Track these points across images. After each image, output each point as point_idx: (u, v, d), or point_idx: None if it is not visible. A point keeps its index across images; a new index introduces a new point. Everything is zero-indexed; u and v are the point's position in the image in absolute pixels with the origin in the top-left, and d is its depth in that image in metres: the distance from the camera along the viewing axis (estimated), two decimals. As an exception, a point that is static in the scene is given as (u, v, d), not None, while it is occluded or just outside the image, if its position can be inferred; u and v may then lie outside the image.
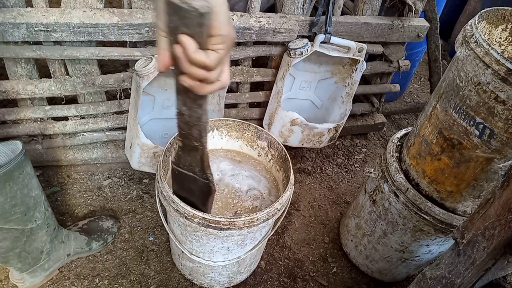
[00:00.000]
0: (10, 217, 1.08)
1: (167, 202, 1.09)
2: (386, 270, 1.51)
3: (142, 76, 1.34)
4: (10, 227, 1.10)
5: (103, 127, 1.62)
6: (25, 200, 1.10)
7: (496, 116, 0.94)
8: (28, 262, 1.25)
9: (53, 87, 1.43)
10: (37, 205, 1.16)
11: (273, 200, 1.30)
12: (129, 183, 1.76)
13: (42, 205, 1.19)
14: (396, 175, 1.26)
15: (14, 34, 1.23)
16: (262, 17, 1.52)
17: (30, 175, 1.11)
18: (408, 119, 2.54)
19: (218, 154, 1.42)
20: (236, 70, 1.67)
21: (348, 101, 1.87)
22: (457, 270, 0.85)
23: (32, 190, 1.13)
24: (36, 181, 1.16)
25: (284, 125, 1.77)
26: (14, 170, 1.03)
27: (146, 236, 1.58)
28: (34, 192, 1.13)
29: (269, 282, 1.52)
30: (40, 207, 1.18)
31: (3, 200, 1.03)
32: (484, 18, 1.09)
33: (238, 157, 1.43)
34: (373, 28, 1.75)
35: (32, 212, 1.14)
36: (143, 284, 1.44)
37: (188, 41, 0.53)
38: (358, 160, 2.14)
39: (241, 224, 1.05)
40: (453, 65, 1.07)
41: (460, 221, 1.16)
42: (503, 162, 1.01)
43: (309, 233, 1.73)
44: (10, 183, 1.03)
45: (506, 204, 0.72)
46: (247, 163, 1.42)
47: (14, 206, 1.07)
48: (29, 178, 1.10)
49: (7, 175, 1.01)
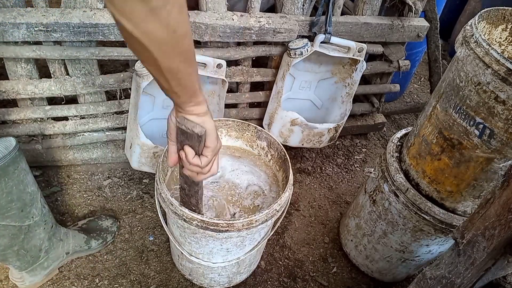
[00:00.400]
0: (7, 213, 1.08)
1: (165, 205, 1.09)
2: (386, 270, 1.51)
3: (142, 76, 1.34)
4: (7, 223, 1.10)
5: (103, 127, 1.62)
6: (21, 196, 1.10)
7: (496, 116, 0.94)
8: (27, 260, 1.25)
9: (53, 87, 1.43)
10: (34, 202, 1.16)
11: (274, 196, 1.30)
12: (129, 183, 1.76)
13: (39, 202, 1.19)
14: (396, 175, 1.26)
15: (14, 34, 1.23)
16: (262, 17, 1.52)
17: (26, 171, 1.12)
18: (408, 119, 2.54)
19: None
20: (236, 70, 1.67)
21: (348, 101, 1.87)
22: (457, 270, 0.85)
23: (28, 186, 1.13)
24: (32, 177, 1.16)
25: (284, 125, 1.77)
26: (8, 165, 1.03)
27: (146, 236, 1.58)
28: (30, 188, 1.14)
29: (269, 282, 1.52)
30: (37, 204, 1.18)
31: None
32: (484, 18, 1.09)
33: (237, 153, 1.43)
34: (373, 28, 1.75)
35: (29, 208, 1.15)
36: (143, 284, 1.44)
37: (189, 150, 0.82)
38: (358, 160, 2.14)
39: (239, 226, 1.05)
40: (453, 65, 1.07)
41: (460, 221, 1.16)
42: (503, 162, 1.01)
43: (309, 233, 1.73)
44: (5, 179, 1.03)
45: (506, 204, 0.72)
46: (247, 158, 1.42)
47: (11, 202, 1.07)
48: (24, 174, 1.11)
49: (2, 171, 1.02)
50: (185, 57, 0.67)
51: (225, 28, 1.46)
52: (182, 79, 0.70)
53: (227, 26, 1.45)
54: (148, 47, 0.61)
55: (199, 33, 1.44)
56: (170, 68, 0.66)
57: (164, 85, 0.71)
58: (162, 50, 0.63)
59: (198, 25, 1.42)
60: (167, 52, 0.63)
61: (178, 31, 0.61)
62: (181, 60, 0.66)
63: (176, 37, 0.62)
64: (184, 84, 0.72)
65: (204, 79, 1.61)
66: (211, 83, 1.63)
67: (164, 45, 0.62)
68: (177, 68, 0.67)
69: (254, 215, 1.07)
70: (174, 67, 0.66)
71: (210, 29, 1.44)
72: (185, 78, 0.71)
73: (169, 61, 0.65)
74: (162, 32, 0.59)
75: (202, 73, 1.47)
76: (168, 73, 0.67)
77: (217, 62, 1.46)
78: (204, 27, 1.43)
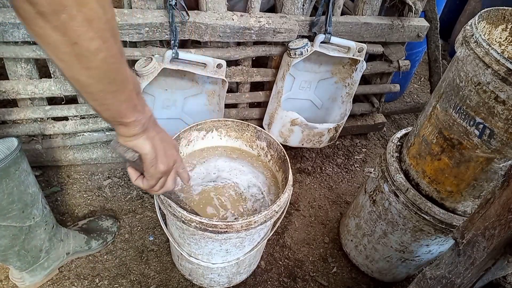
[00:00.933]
0: (8, 214, 1.08)
1: (164, 206, 1.09)
2: (386, 270, 1.51)
3: (142, 76, 1.34)
4: (8, 224, 1.10)
5: (103, 127, 1.62)
6: (22, 197, 1.10)
7: (496, 116, 0.94)
8: (28, 260, 1.25)
9: (53, 87, 1.43)
10: (35, 202, 1.16)
11: (273, 198, 1.30)
12: (129, 183, 1.75)
13: (40, 202, 1.19)
14: (396, 175, 1.26)
15: (14, 34, 1.23)
16: (262, 17, 1.52)
17: (27, 172, 1.11)
18: (408, 119, 2.54)
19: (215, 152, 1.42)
20: (236, 70, 1.67)
21: (348, 101, 1.87)
22: (457, 270, 0.85)
23: (29, 187, 1.13)
24: (33, 178, 1.16)
25: (284, 125, 1.77)
26: (10, 166, 1.03)
27: (146, 236, 1.58)
28: (31, 189, 1.13)
29: (269, 282, 1.52)
30: (38, 204, 1.18)
31: (0, 197, 1.03)
32: (484, 18, 1.09)
33: (236, 153, 1.42)
34: (373, 28, 1.75)
35: (30, 209, 1.15)
36: (143, 284, 1.44)
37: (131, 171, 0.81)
38: (358, 160, 2.14)
39: (238, 227, 1.05)
40: (453, 65, 1.07)
41: (460, 221, 1.16)
42: (503, 162, 1.01)
43: (309, 233, 1.73)
44: (6, 180, 1.03)
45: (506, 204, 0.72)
46: (245, 159, 1.41)
47: (12, 203, 1.07)
48: (26, 175, 1.11)
49: (3, 171, 1.01)
50: (98, 74, 0.58)
51: (225, 28, 1.46)
52: (96, 95, 0.61)
53: (227, 26, 1.45)
54: (45, 49, 0.55)
55: (199, 33, 1.44)
56: (76, 79, 0.59)
57: (81, 95, 0.63)
58: (60, 58, 0.56)
59: (198, 25, 1.42)
60: (68, 62, 0.57)
61: (82, 45, 0.54)
62: (91, 75, 0.58)
63: (79, 50, 0.55)
64: (101, 101, 0.63)
65: (204, 79, 1.61)
66: (211, 83, 1.63)
67: (62, 54, 0.56)
68: (86, 82, 0.59)
69: (253, 216, 1.06)
70: (82, 79, 0.59)
71: (210, 29, 1.44)
72: (100, 95, 0.61)
73: (72, 73, 0.58)
74: (56, 39, 0.53)
75: (202, 73, 1.47)
76: (76, 83, 0.59)
77: (217, 62, 1.46)
78: (204, 27, 1.43)
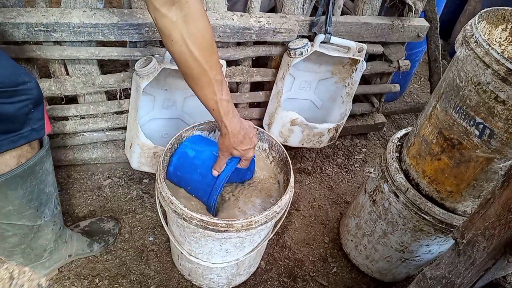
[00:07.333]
0: (25, 213, 1.08)
1: (166, 203, 1.09)
2: (386, 270, 1.51)
3: (142, 76, 1.34)
4: (23, 223, 1.10)
5: (103, 127, 1.62)
6: (40, 195, 1.10)
7: (496, 116, 0.94)
8: (30, 258, 1.25)
9: (53, 87, 1.43)
10: (48, 202, 1.16)
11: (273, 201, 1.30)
12: (129, 183, 1.76)
13: (53, 202, 1.19)
14: (396, 175, 1.26)
15: (14, 34, 1.23)
16: (262, 17, 1.52)
17: (48, 171, 1.11)
18: (408, 119, 2.54)
19: None
20: (236, 70, 1.67)
21: (348, 101, 1.87)
22: (457, 270, 0.85)
23: (47, 186, 1.13)
24: (52, 177, 1.16)
25: (284, 125, 1.77)
26: (36, 164, 1.03)
27: (146, 236, 1.58)
28: (48, 189, 1.13)
29: (269, 282, 1.52)
30: (50, 204, 1.18)
31: (22, 194, 1.03)
32: (484, 18, 1.09)
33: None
34: (373, 28, 1.75)
35: (43, 208, 1.14)
36: (143, 284, 1.44)
37: None
38: (358, 160, 2.14)
39: (238, 226, 1.04)
40: (453, 65, 1.07)
41: (460, 221, 1.16)
42: (503, 162, 1.01)
43: (309, 233, 1.73)
44: (31, 177, 1.03)
45: (506, 204, 0.72)
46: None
47: (30, 201, 1.07)
48: (46, 174, 1.11)
49: (30, 169, 1.01)
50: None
51: (225, 28, 1.46)
52: None
53: (227, 26, 1.45)
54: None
55: (199, 33, 1.44)
56: None
57: None
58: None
59: (198, 25, 1.41)
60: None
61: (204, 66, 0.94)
62: None
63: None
64: None
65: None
66: (211, 83, 1.63)
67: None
68: None
69: (254, 216, 1.06)
70: None
71: (210, 29, 1.44)
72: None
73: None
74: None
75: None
76: None
77: (217, 62, 1.46)
78: (204, 27, 1.43)
